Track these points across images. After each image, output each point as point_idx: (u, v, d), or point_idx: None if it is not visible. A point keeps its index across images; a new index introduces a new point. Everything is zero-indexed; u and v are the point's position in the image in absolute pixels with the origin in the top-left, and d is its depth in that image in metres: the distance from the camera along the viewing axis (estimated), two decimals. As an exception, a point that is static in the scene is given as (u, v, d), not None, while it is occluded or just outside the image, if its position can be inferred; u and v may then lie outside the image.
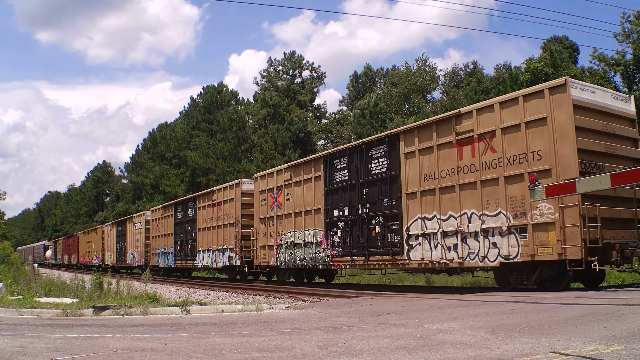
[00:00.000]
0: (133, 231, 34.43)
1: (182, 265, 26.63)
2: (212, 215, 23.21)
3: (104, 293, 12.67)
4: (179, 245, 26.89)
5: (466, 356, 4.51)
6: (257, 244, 19.59)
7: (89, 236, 47.97)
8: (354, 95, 50.62)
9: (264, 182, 19.52)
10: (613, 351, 4.44)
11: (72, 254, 54.47)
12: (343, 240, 15.43)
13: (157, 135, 57.28)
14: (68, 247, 57.30)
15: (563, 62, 28.94)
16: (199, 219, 24.59)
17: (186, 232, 26.10)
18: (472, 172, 11.62)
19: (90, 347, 5.39)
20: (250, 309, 9.48)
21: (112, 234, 39.73)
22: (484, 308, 8.17)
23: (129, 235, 35.48)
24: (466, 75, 43.50)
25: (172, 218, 28.09)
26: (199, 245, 24.40)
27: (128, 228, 35.75)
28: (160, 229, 29.65)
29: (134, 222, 34.73)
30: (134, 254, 34.04)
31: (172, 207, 28.40)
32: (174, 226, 27.67)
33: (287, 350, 5.02)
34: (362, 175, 14.78)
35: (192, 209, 25.75)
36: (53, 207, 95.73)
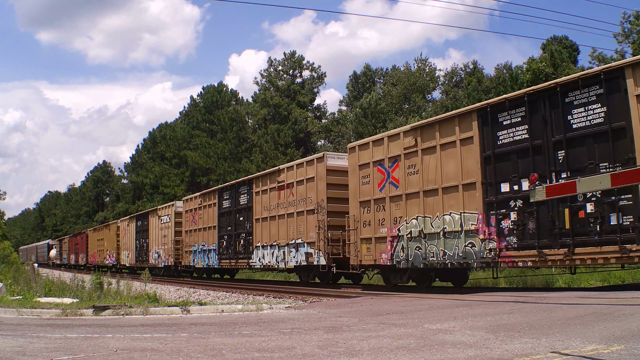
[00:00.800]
0: (158, 225, 29.58)
1: (231, 264, 21.79)
2: (279, 200, 18.40)
3: (104, 293, 12.68)
4: (225, 241, 22.08)
5: (466, 356, 4.51)
6: (356, 236, 14.92)
7: (100, 233, 43.34)
8: (354, 95, 50.62)
9: (365, 153, 14.89)
10: (613, 351, 4.44)
11: (80, 254, 50.08)
12: (520, 226, 11.03)
13: (157, 135, 57.29)
14: (75, 246, 52.98)
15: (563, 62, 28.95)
16: (257, 207, 19.66)
17: (237, 224, 21.18)
18: None
19: (90, 347, 5.39)
20: (250, 309, 9.48)
21: (129, 230, 35.06)
22: (484, 308, 8.17)
23: (152, 230, 30.62)
24: (466, 75, 43.49)
25: (214, 207, 22.98)
26: (257, 240, 19.59)
27: (151, 222, 30.88)
28: (198, 222, 24.58)
29: (159, 215, 29.64)
30: (159, 252, 29.33)
31: (216, 194, 23.16)
32: (217, 217, 22.64)
33: (287, 350, 5.02)
34: (556, 132, 10.57)
35: (245, 194, 20.78)
36: (53, 207, 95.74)
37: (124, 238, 36.57)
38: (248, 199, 20.51)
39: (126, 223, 36.47)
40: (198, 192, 28.06)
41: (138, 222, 33.71)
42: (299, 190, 17.40)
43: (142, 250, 32.45)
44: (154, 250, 30.24)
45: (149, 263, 30.57)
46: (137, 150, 62.20)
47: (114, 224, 40.01)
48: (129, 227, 35.53)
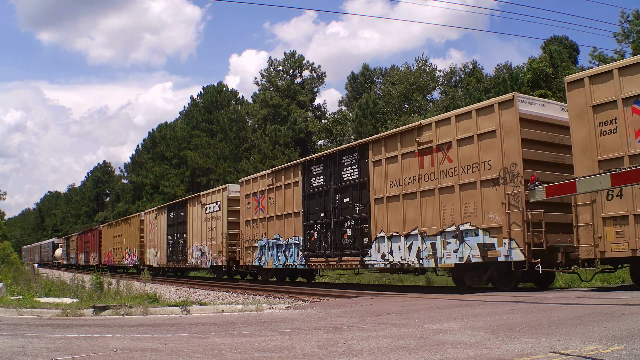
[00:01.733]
0: (201, 216, 24.30)
1: (329, 264, 16.26)
2: (420, 170, 13.07)
3: (104, 293, 12.69)
4: (316, 232, 16.69)
5: (466, 356, 4.51)
6: (593, 214, 10.00)
7: (118, 229, 37.89)
8: (353, 95, 50.64)
9: (605, 88, 9.95)
10: (613, 351, 4.44)
11: (92, 253, 44.57)
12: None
13: (157, 135, 57.33)
14: (85, 244, 47.53)
15: (563, 62, 28.96)
16: (375, 183, 14.41)
17: (336, 209, 15.86)
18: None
19: (90, 347, 5.39)
20: (250, 309, 9.48)
21: (158, 224, 29.56)
22: (483, 308, 8.17)
23: (192, 222, 25.28)
24: (466, 75, 43.52)
25: (296, 188, 17.62)
26: (377, 229, 14.21)
27: (191, 213, 25.47)
28: (267, 208, 19.07)
29: (202, 204, 24.17)
30: (202, 249, 23.93)
31: (298, 170, 17.66)
32: (302, 201, 17.27)
33: (287, 350, 5.02)
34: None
35: (353, 166, 15.36)
36: (53, 207, 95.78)
37: (151, 233, 30.93)
38: (359, 171, 15.14)
39: (153, 215, 30.75)
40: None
41: (171, 214, 27.97)
42: (463, 153, 12.12)
43: (177, 248, 26.91)
44: (195, 247, 24.75)
45: (187, 263, 25.62)
46: (137, 150, 62.25)
47: (135, 217, 34.49)
48: (157, 220, 29.87)
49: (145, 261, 31.43)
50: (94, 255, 43.57)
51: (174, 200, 30.98)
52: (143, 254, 32.09)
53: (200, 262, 24.23)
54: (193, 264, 25.13)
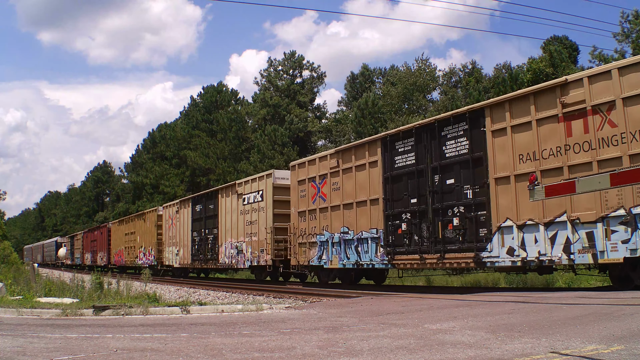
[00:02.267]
0: (237, 208, 21.11)
1: (421, 262, 13.20)
2: (567, 140, 10.25)
3: (104, 293, 12.69)
4: (405, 222, 13.48)
5: (466, 356, 4.51)
6: None
7: (130, 226, 34.53)
8: (352, 95, 50.67)
9: None
10: (613, 351, 4.44)
11: (100, 252, 41.59)
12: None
13: (157, 135, 57.37)
14: (92, 243, 44.46)
15: (563, 62, 28.96)
16: (496, 158, 11.52)
17: (435, 193, 12.85)
18: None
19: (90, 347, 5.39)
20: (250, 309, 9.48)
21: (181, 218, 26.25)
22: (484, 308, 8.17)
23: (225, 216, 22.05)
24: (465, 75, 43.54)
25: (373, 169, 14.43)
26: (501, 217, 11.26)
27: (223, 205, 22.30)
28: (330, 196, 15.74)
29: (239, 193, 20.98)
30: (239, 246, 20.62)
31: (375, 146, 14.50)
32: (382, 185, 14.08)
33: (287, 350, 5.02)
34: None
35: (461, 138, 12.40)
36: (53, 207, 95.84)
37: (171, 230, 27.63)
38: (469, 144, 12.18)
39: (174, 209, 27.43)
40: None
41: (196, 207, 24.79)
42: (633, 115, 9.37)
43: (204, 245, 23.71)
44: (229, 244, 21.51)
45: (218, 262, 22.53)
46: (137, 150, 62.31)
47: (152, 212, 31.24)
48: (178, 215, 26.65)
49: (164, 261, 28.35)
50: (102, 255, 40.80)
51: (201, 192, 26.90)
52: (161, 253, 28.88)
53: (236, 261, 20.94)
54: (226, 264, 21.85)
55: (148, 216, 31.59)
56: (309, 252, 16.82)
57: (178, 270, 27.73)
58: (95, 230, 44.87)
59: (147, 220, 31.41)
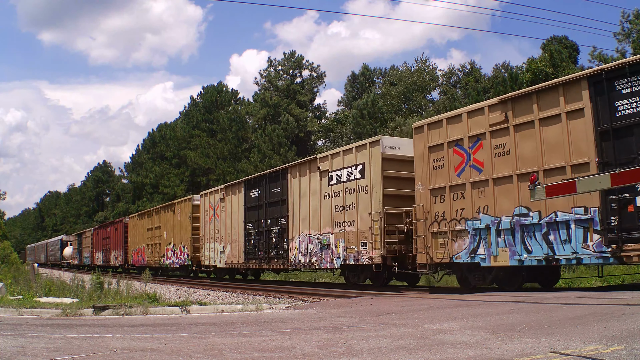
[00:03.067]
0: (318, 190, 16.21)
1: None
2: None
3: (104, 293, 12.70)
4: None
5: (466, 356, 4.51)
6: None
7: (154, 219, 29.65)
8: (352, 95, 50.71)
9: None
10: (613, 351, 4.44)
11: (114, 251, 37.22)
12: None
13: (157, 135, 57.42)
14: (104, 240, 40.08)
15: (563, 62, 28.98)
16: None
17: None
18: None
19: (90, 347, 5.39)
20: (250, 308, 9.48)
21: (229, 208, 21.37)
22: (483, 308, 8.17)
23: (298, 201, 17.10)
24: (464, 75, 43.58)
25: (574, 122, 10.21)
26: None
27: (296, 187, 17.28)
28: (490, 165, 11.56)
29: (320, 171, 16.14)
30: (324, 240, 15.85)
31: (582, 88, 10.08)
32: (595, 142, 9.89)
33: (287, 350, 5.02)
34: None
35: None
36: (53, 207, 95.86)
37: (212, 222, 22.76)
38: None
39: (217, 197, 22.57)
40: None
41: (252, 192, 19.81)
42: None
43: (266, 240, 18.72)
44: (306, 238, 16.62)
45: (288, 261, 17.46)
46: (137, 150, 62.34)
47: (184, 202, 26.20)
48: (224, 204, 21.82)
49: (202, 260, 23.64)
50: (117, 254, 36.41)
51: (260, 172, 22.71)
52: (197, 251, 24.21)
53: (317, 259, 16.08)
54: (301, 263, 16.91)
55: (180, 207, 26.42)
56: (451, 244, 12.27)
57: (222, 272, 23.31)
58: (109, 226, 40.27)
59: (179, 212, 26.33)
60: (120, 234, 35.74)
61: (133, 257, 33.36)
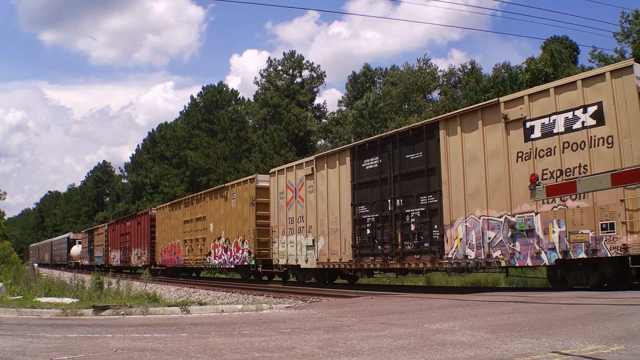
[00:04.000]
0: (503, 149, 11.23)
1: None
2: None
3: (104, 293, 12.69)
4: None
5: (466, 356, 4.51)
6: None
7: (195, 209, 24.65)
8: (353, 95, 50.72)
9: None
10: (613, 351, 4.43)
11: (135, 249, 32.31)
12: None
13: (157, 135, 57.43)
14: (123, 237, 35.08)
15: (563, 63, 28.98)
16: None
17: None
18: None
19: (90, 347, 5.39)
20: (250, 309, 9.48)
21: (323, 187, 16.31)
22: (484, 308, 8.17)
23: (461, 168, 12.16)
24: (464, 75, 43.58)
25: None
26: None
27: (450, 149, 12.47)
28: None
29: (507, 121, 11.06)
30: (519, 224, 10.80)
31: None
32: None
33: (287, 350, 5.02)
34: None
35: None
36: (53, 207, 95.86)
37: (293, 208, 17.51)
38: None
39: (301, 173, 17.21)
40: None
41: (365, 162, 14.94)
42: None
43: (396, 228, 13.78)
44: (478, 222, 11.66)
45: (443, 257, 12.47)
46: (137, 150, 62.35)
47: (242, 184, 20.77)
48: (314, 182, 16.53)
49: (275, 258, 18.55)
50: (140, 253, 31.45)
51: (379, 135, 15.57)
52: (265, 247, 19.30)
53: (505, 253, 11.11)
54: (473, 260, 11.79)
55: (236, 191, 20.81)
56: None
57: (309, 273, 17.59)
58: (129, 219, 34.74)
59: (233, 197, 20.87)
60: (145, 229, 30.64)
61: (163, 256, 28.47)
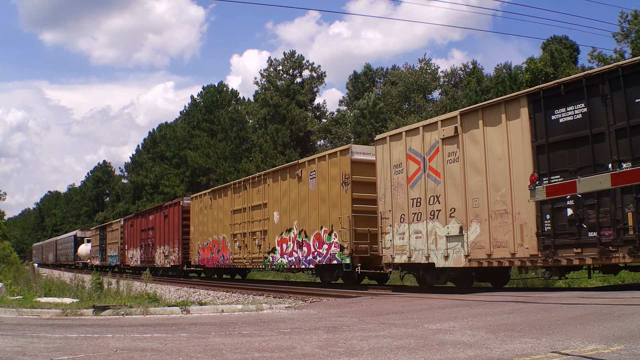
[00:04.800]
0: None
1: None
2: None
3: (104, 293, 12.70)
4: None
5: (466, 356, 4.51)
6: None
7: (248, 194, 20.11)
8: (354, 94, 50.73)
9: None
10: (613, 351, 4.43)
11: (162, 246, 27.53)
12: None
13: (157, 135, 57.43)
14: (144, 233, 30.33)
15: (563, 62, 28.99)
16: None
17: None
18: None
19: (90, 347, 5.39)
20: (250, 308, 9.48)
21: (470, 152, 11.70)
22: (484, 308, 8.17)
23: None
24: (465, 75, 43.60)
25: None
26: None
27: None
28: None
29: None
30: None
31: None
32: None
33: (287, 350, 5.02)
34: None
35: None
36: (53, 207, 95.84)
37: (420, 186, 12.89)
38: None
39: (432, 137, 12.65)
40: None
41: (560, 110, 9.90)
42: None
43: (630, 206, 8.80)
44: None
45: None
46: (137, 150, 62.34)
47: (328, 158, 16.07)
48: (458, 146, 11.99)
49: (388, 256, 13.82)
50: (168, 251, 26.74)
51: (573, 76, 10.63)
52: (365, 240, 14.84)
53: None
54: None
55: (317, 167, 16.47)
56: None
57: (445, 274, 13.42)
58: (153, 212, 29.50)
59: (313, 175, 16.56)
60: (176, 222, 25.97)
61: (201, 254, 23.79)
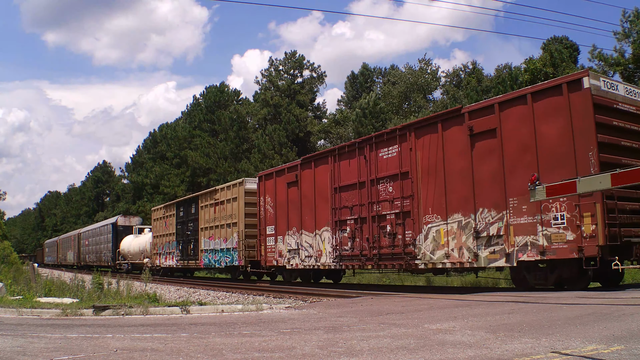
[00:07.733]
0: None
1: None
2: None
3: (104, 293, 12.69)
4: None
5: (466, 356, 4.51)
6: None
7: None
8: (352, 94, 50.70)
9: None
10: (613, 351, 4.43)
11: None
12: None
13: (158, 135, 57.40)
14: None
15: (563, 62, 28.97)
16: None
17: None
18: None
19: (90, 347, 5.39)
20: (250, 309, 9.48)
21: None
22: (484, 308, 8.17)
23: None
24: (466, 75, 43.58)
25: None
26: None
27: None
28: None
29: None
30: None
31: None
32: None
33: (287, 350, 5.02)
34: None
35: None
36: (53, 207, 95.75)
37: None
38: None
39: None
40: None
41: None
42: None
43: None
44: None
45: None
46: (137, 150, 62.31)
47: None
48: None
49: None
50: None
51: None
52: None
53: None
54: None
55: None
56: None
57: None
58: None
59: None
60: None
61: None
